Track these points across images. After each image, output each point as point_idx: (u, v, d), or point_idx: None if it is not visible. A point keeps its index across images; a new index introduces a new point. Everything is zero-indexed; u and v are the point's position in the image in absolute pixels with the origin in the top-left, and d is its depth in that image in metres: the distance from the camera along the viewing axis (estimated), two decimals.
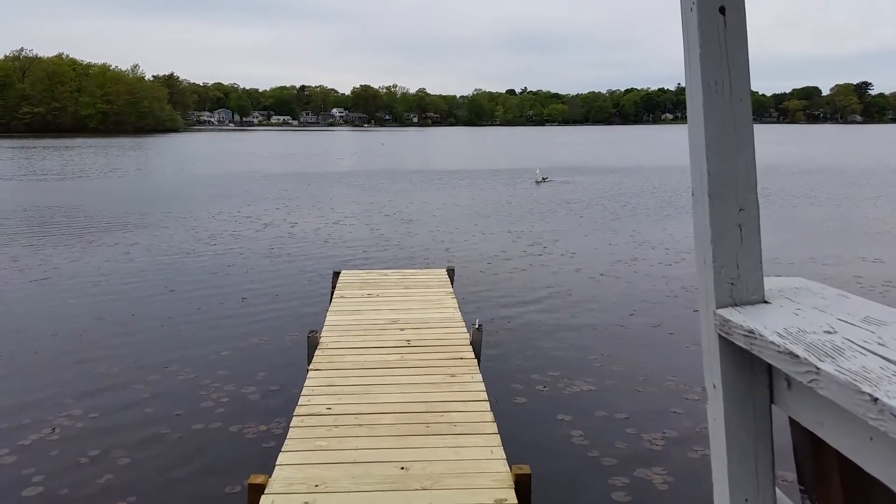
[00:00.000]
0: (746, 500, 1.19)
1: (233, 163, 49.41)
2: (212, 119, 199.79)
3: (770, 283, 1.23)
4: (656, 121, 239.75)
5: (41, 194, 28.15)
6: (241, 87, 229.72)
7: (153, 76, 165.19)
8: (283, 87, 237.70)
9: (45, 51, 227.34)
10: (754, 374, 1.16)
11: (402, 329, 7.84)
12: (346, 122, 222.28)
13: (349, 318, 8.30)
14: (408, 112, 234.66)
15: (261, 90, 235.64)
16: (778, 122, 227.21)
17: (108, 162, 49.98)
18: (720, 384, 1.18)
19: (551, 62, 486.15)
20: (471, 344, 7.22)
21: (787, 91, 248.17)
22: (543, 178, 32.76)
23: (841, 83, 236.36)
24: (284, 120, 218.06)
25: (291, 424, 5.39)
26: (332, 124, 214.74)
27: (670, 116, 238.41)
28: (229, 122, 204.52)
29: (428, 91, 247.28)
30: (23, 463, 5.87)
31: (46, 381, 7.78)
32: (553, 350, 8.78)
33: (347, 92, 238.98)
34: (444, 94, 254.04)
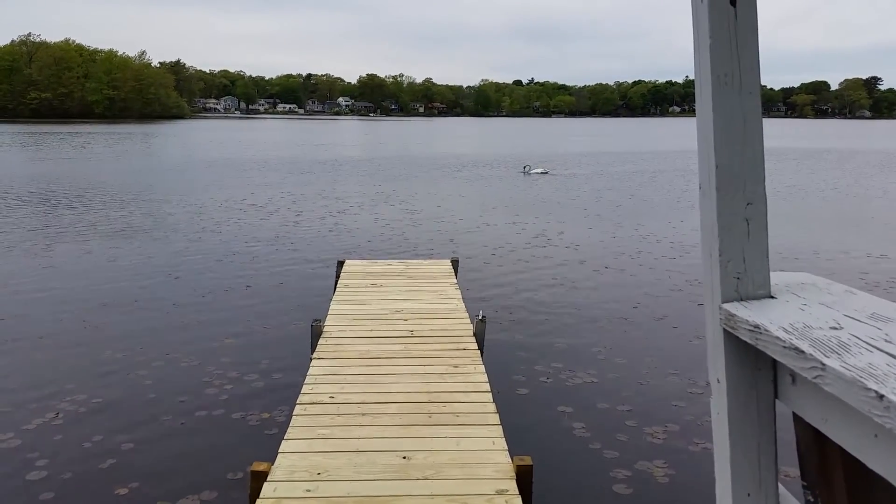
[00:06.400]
0: (749, 495, 1.19)
1: (238, 150, 49.38)
2: (218, 106, 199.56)
3: (776, 278, 1.22)
4: (664, 113, 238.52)
5: (47, 180, 28.18)
6: (248, 74, 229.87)
7: (160, 63, 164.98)
8: (290, 75, 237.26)
9: (53, 36, 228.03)
10: (759, 369, 1.16)
11: (405, 319, 7.85)
12: (352, 111, 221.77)
13: (353, 308, 8.32)
14: (414, 101, 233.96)
15: (267, 78, 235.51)
16: (786, 116, 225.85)
17: (115, 148, 50.00)
18: (724, 379, 1.17)
19: (559, 53, 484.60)
20: (474, 335, 7.23)
21: (796, 85, 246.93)
22: (539, 172, 33.07)
23: (850, 78, 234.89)
24: (290, 108, 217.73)
25: (294, 412, 5.41)
26: (337, 113, 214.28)
27: (678, 109, 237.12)
28: (235, 109, 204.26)
29: (434, 81, 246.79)
30: (27, 447, 5.92)
31: (51, 366, 7.82)
32: (556, 342, 8.79)
33: (354, 81, 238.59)
34: (450, 83, 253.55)
